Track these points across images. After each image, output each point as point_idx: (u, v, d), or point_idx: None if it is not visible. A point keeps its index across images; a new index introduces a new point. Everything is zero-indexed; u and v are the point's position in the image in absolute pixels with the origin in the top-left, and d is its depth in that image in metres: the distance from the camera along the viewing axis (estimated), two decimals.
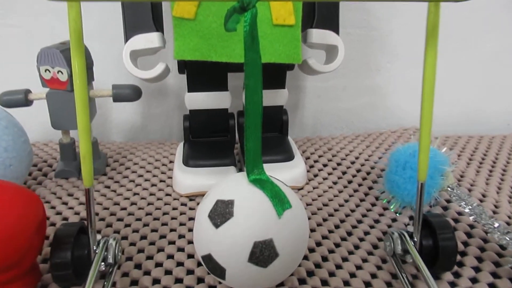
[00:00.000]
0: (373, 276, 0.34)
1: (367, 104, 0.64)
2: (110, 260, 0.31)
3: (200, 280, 0.33)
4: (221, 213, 0.28)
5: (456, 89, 0.65)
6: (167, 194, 0.45)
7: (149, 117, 0.62)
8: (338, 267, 0.35)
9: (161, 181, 0.48)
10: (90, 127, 0.48)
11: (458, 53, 0.63)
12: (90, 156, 0.30)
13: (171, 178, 0.48)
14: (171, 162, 0.52)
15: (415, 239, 0.33)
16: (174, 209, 0.43)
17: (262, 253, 0.27)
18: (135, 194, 0.45)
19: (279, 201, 0.28)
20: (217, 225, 0.27)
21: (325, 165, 0.52)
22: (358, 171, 0.51)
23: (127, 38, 0.42)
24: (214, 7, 0.39)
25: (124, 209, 0.42)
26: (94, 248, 0.31)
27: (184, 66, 0.45)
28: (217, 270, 0.28)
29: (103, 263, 0.31)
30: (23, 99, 0.45)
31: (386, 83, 0.63)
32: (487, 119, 0.67)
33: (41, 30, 0.55)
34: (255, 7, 0.26)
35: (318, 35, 0.45)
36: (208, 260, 0.28)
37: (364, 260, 0.36)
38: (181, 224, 0.40)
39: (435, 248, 0.33)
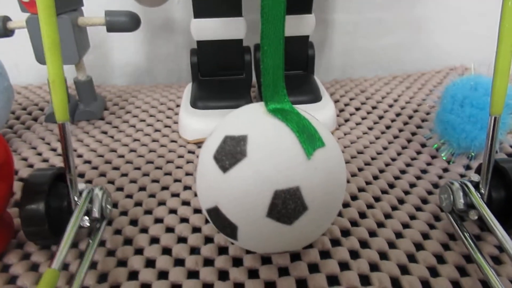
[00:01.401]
0: (425, 236, 0.27)
1: (407, 40, 0.55)
2: (96, 214, 0.25)
3: (208, 240, 0.27)
4: (231, 152, 0.21)
5: None
6: (172, 141, 0.39)
7: (155, 58, 0.54)
8: (380, 225, 0.28)
9: (166, 126, 0.41)
10: (82, 63, 0.41)
11: None
12: (61, 82, 0.23)
13: (177, 123, 0.41)
14: (178, 106, 0.45)
15: (482, 191, 0.26)
16: (179, 157, 0.36)
17: (286, 206, 0.20)
18: (135, 140, 0.39)
19: (308, 138, 0.21)
20: (225, 169, 0.21)
21: (357, 109, 0.44)
22: (398, 115, 0.43)
23: None
24: None
25: (122, 156, 0.36)
26: (76, 198, 0.25)
27: None
28: (227, 227, 0.21)
29: (87, 218, 0.25)
30: (1, 28, 0.38)
31: (430, 15, 0.54)
32: None
33: None
34: None
35: None
36: (215, 214, 0.22)
37: (412, 217, 0.29)
38: (187, 174, 0.33)
39: (509, 202, 0.25)
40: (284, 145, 0.20)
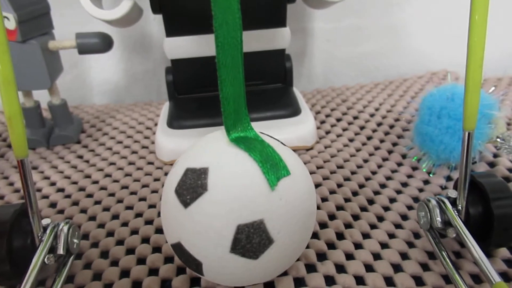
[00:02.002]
0: (404, 256, 0.26)
1: (387, 47, 0.55)
2: (61, 250, 0.24)
3: (180, 271, 0.26)
4: (192, 186, 0.20)
5: (497, 29, 0.55)
6: (149, 163, 0.38)
7: (133, 75, 0.53)
8: (358, 246, 0.27)
9: (143, 147, 0.40)
10: (56, 87, 0.40)
11: None
12: (18, 117, 0.22)
13: (154, 143, 0.40)
14: (156, 124, 0.44)
15: (460, 207, 0.25)
16: (155, 180, 0.35)
17: (250, 240, 0.19)
18: (111, 164, 0.38)
19: (272, 167, 0.20)
20: (186, 204, 0.20)
21: (338, 120, 0.44)
22: (379, 124, 0.42)
23: None
24: None
25: (96, 182, 0.35)
26: (39, 235, 0.24)
27: (157, 3, 0.36)
28: (192, 263, 0.21)
29: (51, 255, 0.24)
30: None
31: (409, 20, 0.53)
32: None
33: None
34: None
35: None
36: (179, 250, 0.21)
37: (391, 235, 0.28)
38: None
39: (486, 218, 0.25)
40: (246, 176, 0.20)
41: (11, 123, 0.23)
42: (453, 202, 0.25)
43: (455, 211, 0.25)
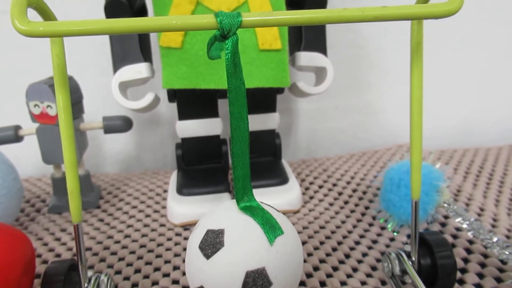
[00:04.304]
0: None
1: (361, 122, 0.64)
2: None
3: None
4: (212, 243, 0.27)
5: (450, 101, 0.65)
6: (162, 225, 0.45)
7: (143, 146, 0.61)
8: None
9: (155, 211, 0.47)
10: (82, 160, 0.48)
11: (450, 65, 0.63)
12: (77, 191, 0.30)
13: (165, 207, 0.47)
14: (165, 191, 0.51)
15: (413, 259, 0.33)
16: (168, 239, 0.42)
17: (255, 283, 0.26)
18: (128, 226, 0.44)
19: (270, 228, 0.27)
20: (208, 256, 0.27)
21: (320, 187, 0.52)
22: (354, 191, 0.50)
23: (115, 69, 0.43)
24: (200, 35, 0.40)
25: (118, 242, 0.42)
26: (86, 285, 0.31)
27: (174, 94, 0.45)
28: None
29: None
30: (14, 136, 0.45)
31: (378, 100, 0.63)
32: (483, 130, 0.67)
33: (27, 65, 0.54)
34: (235, 35, 0.26)
35: (306, 58, 0.45)
36: None
37: (363, 283, 0.35)
38: (175, 255, 0.39)
39: (433, 267, 0.32)
40: (252, 235, 0.27)
41: (72, 196, 0.30)
42: (409, 255, 0.33)
43: (410, 262, 0.32)
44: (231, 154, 0.29)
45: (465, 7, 0.27)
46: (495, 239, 0.35)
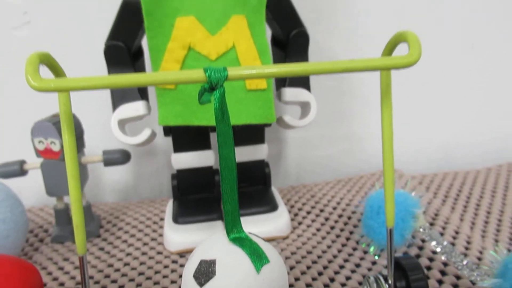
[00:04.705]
0: None
1: (347, 149, 0.68)
2: None
3: None
4: (205, 272, 0.30)
5: (430, 127, 0.69)
6: (159, 252, 0.47)
7: (140, 176, 0.65)
8: None
9: (152, 239, 0.50)
10: (84, 194, 0.51)
11: (428, 91, 0.67)
12: (82, 225, 0.33)
13: (162, 235, 0.50)
14: (161, 219, 0.54)
15: (389, 282, 0.36)
16: (165, 267, 0.45)
17: None
18: (127, 254, 0.47)
19: (257, 257, 0.30)
20: (201, 284, 0.30)
21: (308, 212, 0.55)
22: (340, 216, 0.53)
23: (114, 107, 0.46)
24: None
25: (118, 270, 0.44)
26: None
27: (169, 130, 0.49)
28: None
29: None
30: (19, 170, 0.48)
31: (362, 128, 0.67)
32: (463, 154, 0.71)
33: (32, 104, 0.58)
34: (222, 86, 0.30)
35: (291, 93, 0.49)
36: None
37: None
38: (172, 282, 0.42)
39: None
40: (241, 264, 0.30)
41: (77, 230, 0.33)
42: (386, 278, 0.36)
43: (387, 285, 0.35)
44: (221, 191, 0.32)
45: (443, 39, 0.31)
46: (465, 262, 0.38)
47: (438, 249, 0.40)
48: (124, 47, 0.45)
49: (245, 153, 0.52)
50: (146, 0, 0.41)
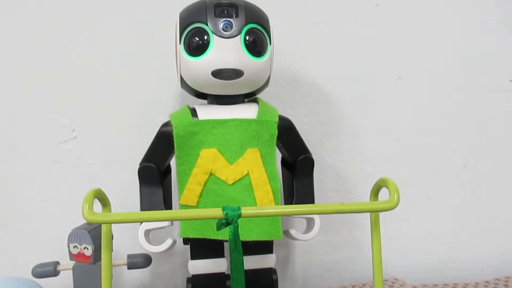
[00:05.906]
0: None
1: (351, 256, 0.72)
2: None
3: None
4: None
5: (430, 240, 0.74)
6: None
7: (157, 274, 0.70)
8: None
9: None
10: None
11: (426, 207, 0.73)
12: None
13: None
14: None
15: None
16: None
17: None
18: None
19: None
20: None
21: None
22: None
23: None
24: (212, 197, 0.51)
25: None
26: None
27: (188, 240, 0.55)
28: None
29: None
30: (53, 271, 0.54)
31: (364, 238, 0.72)
32: (462, 266, 0.74)
33: (70, 208, 0.65)
34: (237, 222, 0.36)
35: None
36: None
37: None
38: None
39: None
40: None
41: None
42: None
43: None
44: None
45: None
46: None
47: None
48: (155, 168, 0.53)
49: (254, 262, 0.57)
50: (178, 135, 0.50)
